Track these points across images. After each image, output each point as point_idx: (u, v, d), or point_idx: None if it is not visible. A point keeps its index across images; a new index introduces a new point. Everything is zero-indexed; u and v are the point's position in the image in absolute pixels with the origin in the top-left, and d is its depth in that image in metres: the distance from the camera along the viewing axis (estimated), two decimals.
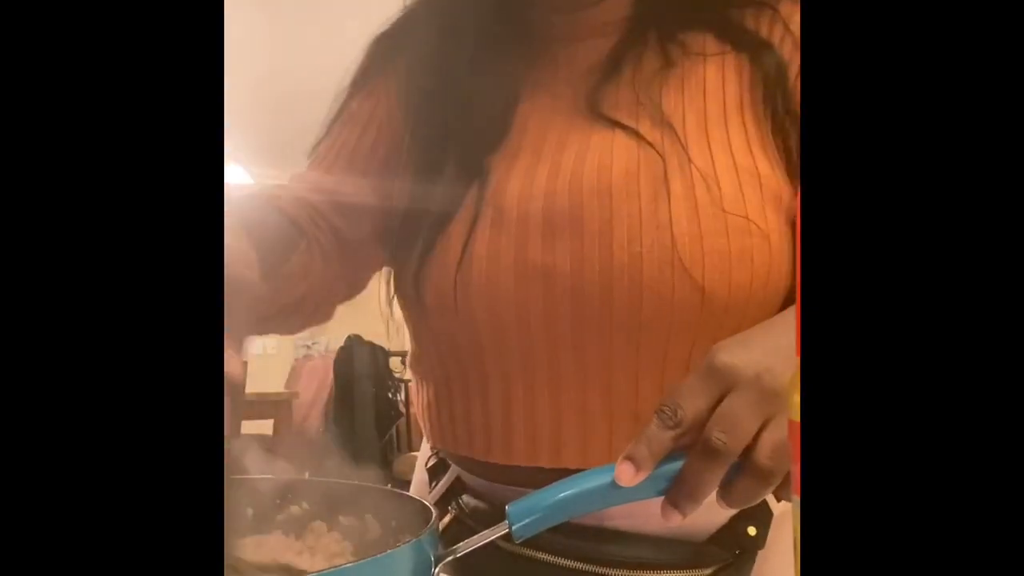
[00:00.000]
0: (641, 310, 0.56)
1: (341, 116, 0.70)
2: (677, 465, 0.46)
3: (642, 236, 0.56)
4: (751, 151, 0.58)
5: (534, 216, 0.58)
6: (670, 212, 0.56)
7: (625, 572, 0.57)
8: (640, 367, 0.57)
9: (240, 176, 4.26)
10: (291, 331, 0.69)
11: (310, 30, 3.19)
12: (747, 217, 0.56)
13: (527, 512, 0.47)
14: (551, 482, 0.56)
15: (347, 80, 0.71)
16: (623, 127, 0.59)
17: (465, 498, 0.65)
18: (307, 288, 0.64)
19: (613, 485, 0.47)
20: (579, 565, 0.58)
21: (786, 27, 0.60)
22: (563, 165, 0.59)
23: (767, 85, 0.59)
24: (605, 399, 0.58)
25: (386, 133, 0.68)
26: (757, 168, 0.57)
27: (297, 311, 0.65)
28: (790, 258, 0.57)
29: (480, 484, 0.65)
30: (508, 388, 0.60)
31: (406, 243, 0.64)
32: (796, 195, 0.56)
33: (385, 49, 0.71)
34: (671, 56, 0.61)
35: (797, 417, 0.31)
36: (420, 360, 0.68)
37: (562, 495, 0.48)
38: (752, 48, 0.60)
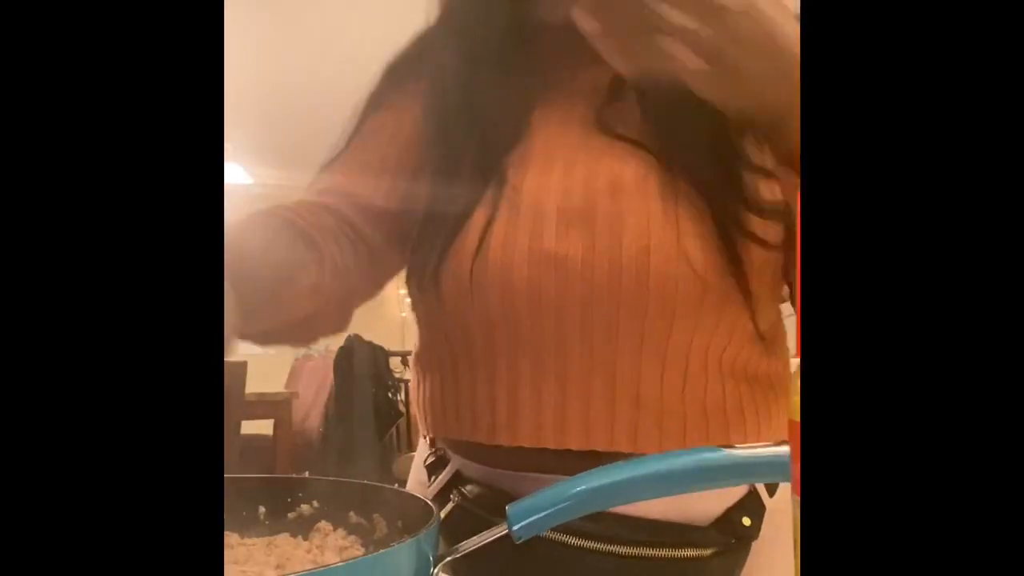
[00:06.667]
0: (647, 300, 0.59)
1: (362, 129, 0.72)
2: (680, 462, 0.46)
3: (650, 231, 0.59)
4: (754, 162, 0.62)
5: (548, 210, 0.61)
6: (677, 211, 0.60)
7: (632, 549, 0.60)
8: (643, 354, 0.60)
9: (240, 176, 4.26)
10: (302, 343, 0.70)
11: (310, 30, 3.19)
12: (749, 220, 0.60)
13: (527, 513, 0.47)
14: (554, 465, 0.60)
15: (365, 97, 0.74)
16: (632, 142, 0.63)
17: (468, 487, 0.67)
18: (314, 307, 0.65)
19: (613, 487, 0.47)
20: (589, 544, 0.60)
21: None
22: (576, 167, 0.63)
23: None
24: (608, 384, 0.61)
25: (406, 143, 0.70)
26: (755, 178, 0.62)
27: (305, 326, 0.66)
28: (786, 258, 0.63)
29: (481, 472, 0.66)
30: (516, 371, 0.62)
31: (426, 239, 0.66)
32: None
33: (403, 69, 0.74)
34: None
35: (797, 417, 0.31)
36: (428, 350, 0.70)
37: (562, 496, 0.48)
38: None
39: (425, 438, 0.75)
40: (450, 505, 0.66)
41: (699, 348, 0.61)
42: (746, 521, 0.62)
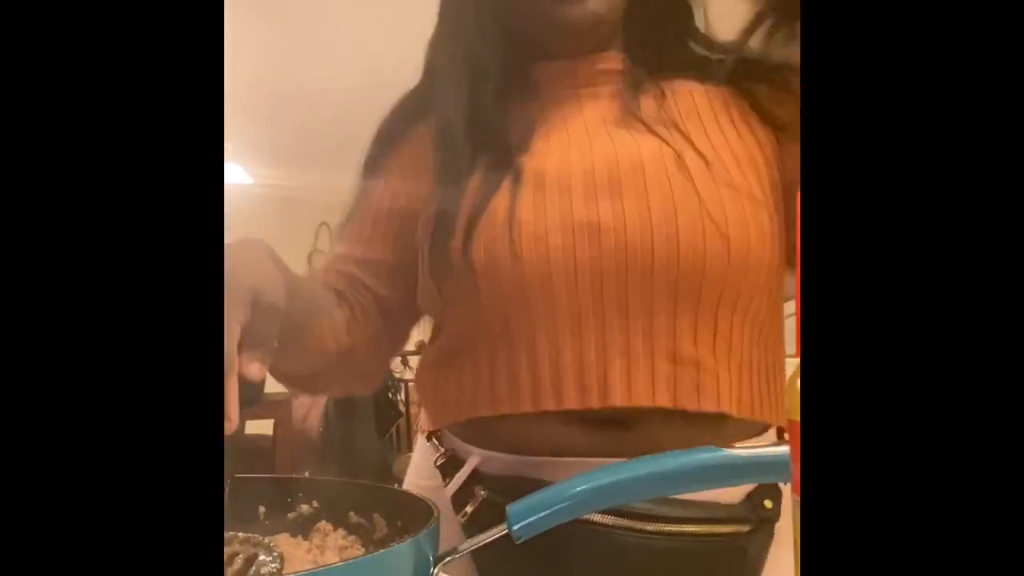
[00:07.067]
0: (679, 258, 0.63)
1: (365, 192, 0.78)
2: (680, 462, 0.46)
3: (674, 197, 0.64)
4: (745, 144, 0.69)
5: (575, 186, 0.66)
6: (693, 181, 0.65)
7: (675, 527, 0.62)
8: (677, 313, 0.64)
9: (240, 176, 4.25)
10: (342, 390, 0.80)
11: (310, 31, 3.19)
12: (751, 191, 0.66)
13: (527, 512, 0.47)
14: (581, 446, 0.63)
15: (364, 156, 0.79)
16: (641, 126, 0.69)
17: (491, 482, 0.68)
18: (352, 342, 0.72)
19: (613, 486, 0.47)
20: (633, 524, 0.62)
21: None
22: (596, 151, 0.68)
23: (742, 89, 0.71)
24: (647, 341, 0.64)
25: (410, 194, 0.75)
26: (752, 156, 0.68)
27: (347, 364, 0.73)
28: (783, 231, 0.67)
29: (504, 462, 0.67)
30: (556, 338, 0.65)
31: (445, 228, 0.68)
32: (781, 177, 0.69)
33: (395, 129, 0.79)
34: (662, 87, 0.73)
35: (797, 417, 0.31)
36: (455, 336, 0.71)
37: (562, 496, 0.48)
38: (724, 75, 0.73)
39: (431, 440, 0.75)
40: (478, 500, 0.67)
41: (727, 306, 0.64)
42: (767, 503, 0.65)
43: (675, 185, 0.64)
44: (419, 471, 0.76)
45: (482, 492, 0.67)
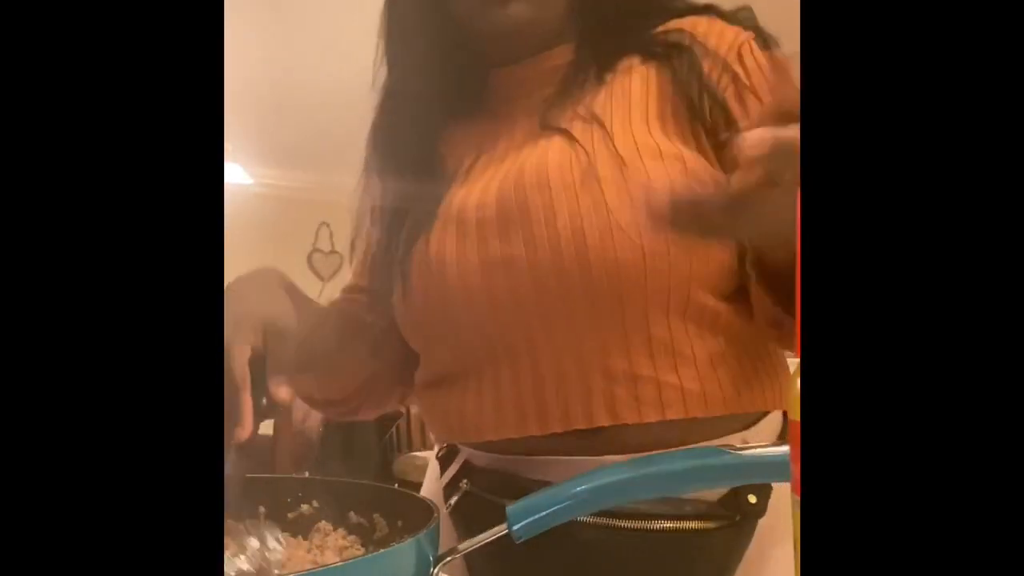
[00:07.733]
0: (590, 273, 0.61)
1: (362, 219, 0.82)
2: (680, 463, 0.46)
3: (581, 212, 0.62)
4: (671, 140, 0.65)
5: (489, 219, 0.66)
6: (602, 190, 0.62)
7: (640, 523, 0.61)
8: (604, 327, 0.62)
9: (240, 176, 4.25)
10: (378, 408, 0.83)
11: (310, 30, 3.19)
12: (673, 188, 0.62)
13: (527, 513, 0.48)
14: (555, 445, 0.63)
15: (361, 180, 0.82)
16: (557, 130, 0.67)
17: (477, 475, 0.70)
18: (379, 366, 0.78)
19: (613, 486, 0.47)
20: (599, 520, 0.61)
21: (693, 36, 0.69)
22: (512, 172, 0.67)
23: (680, 81, 0.67)
24: (578, 362, 0.63)
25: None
26: (681, 154, 0.64)
27: (373, 390, 0.79)
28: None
29: (489, 458, 0.69)
30: (496, 371, 0.66)
31: (387, 275, 0.73)
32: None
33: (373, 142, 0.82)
34: (604, 76, 0.70)
35: (797, 417, 0.31)
36: (421, 371, 0.75)
37: (562, 496, 0.48)
38: (666, 55, 0.69)
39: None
40: (460, 493, 0.68)
41: (658, 310, 0.62)
42: (752, 498, 0.63)
43: (582, 199, 0.62)
44: (434, 468, 0.79)
45: (464, 484, 0.69)
